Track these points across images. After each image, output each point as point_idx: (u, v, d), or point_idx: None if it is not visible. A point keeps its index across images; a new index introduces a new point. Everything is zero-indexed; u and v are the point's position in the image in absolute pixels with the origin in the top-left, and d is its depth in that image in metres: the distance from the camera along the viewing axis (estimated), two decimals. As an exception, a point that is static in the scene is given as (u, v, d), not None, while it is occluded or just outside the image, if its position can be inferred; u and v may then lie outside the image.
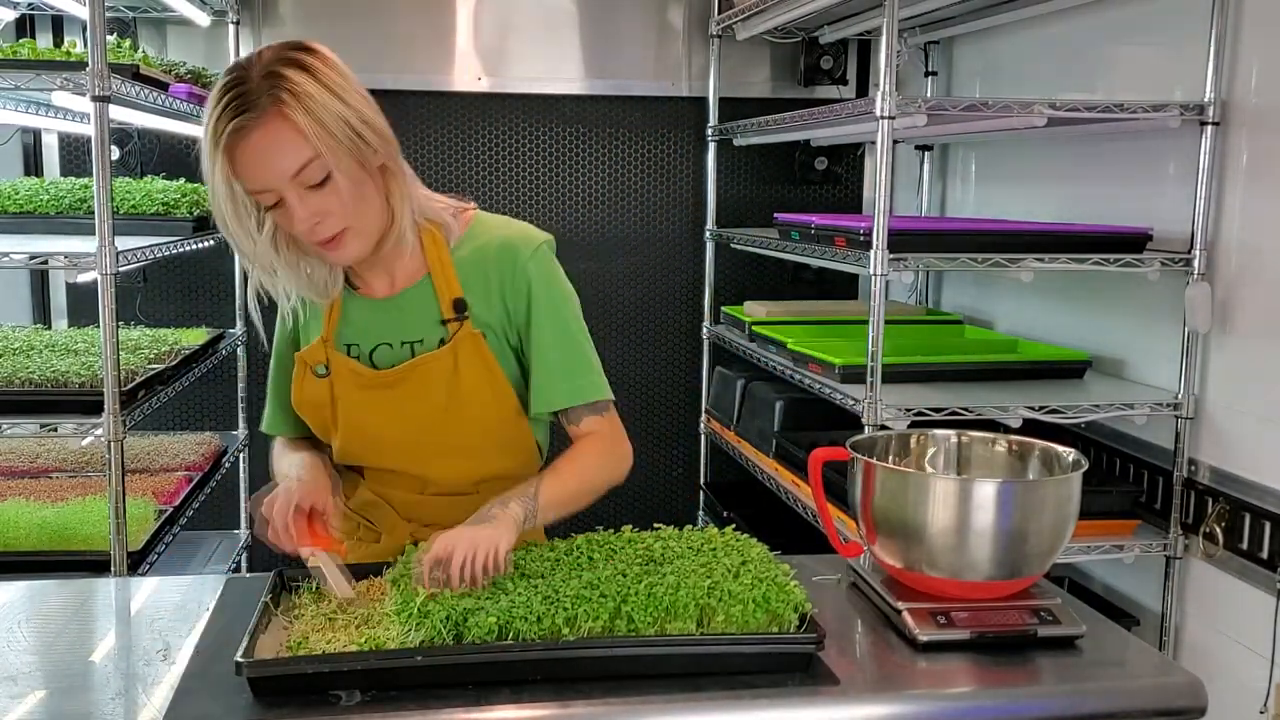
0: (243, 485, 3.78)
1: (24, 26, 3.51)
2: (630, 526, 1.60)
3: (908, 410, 2.37)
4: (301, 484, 1.57)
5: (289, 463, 1.70)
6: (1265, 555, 2.25)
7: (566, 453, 1.67)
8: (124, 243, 2.40)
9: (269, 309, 1.70)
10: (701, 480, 3.91)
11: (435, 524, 1.62)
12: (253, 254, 1.59)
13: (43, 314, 3.66)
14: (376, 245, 1.61)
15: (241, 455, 3.73)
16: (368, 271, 1.69)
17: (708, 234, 3.79)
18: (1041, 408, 2.42)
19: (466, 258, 1.69)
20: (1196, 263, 2.41)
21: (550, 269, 1.71)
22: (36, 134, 3.60)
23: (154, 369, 2.68)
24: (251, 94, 1.47)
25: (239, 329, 3.71)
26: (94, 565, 2.38)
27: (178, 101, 2.78)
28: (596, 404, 1.69)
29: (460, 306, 1.66)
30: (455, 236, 1.70)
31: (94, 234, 2.27)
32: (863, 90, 3.91)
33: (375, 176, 1.57)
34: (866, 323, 2.38)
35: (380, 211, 1.59)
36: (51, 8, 3.12)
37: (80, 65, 2.26)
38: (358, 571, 1.54)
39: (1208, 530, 2.39)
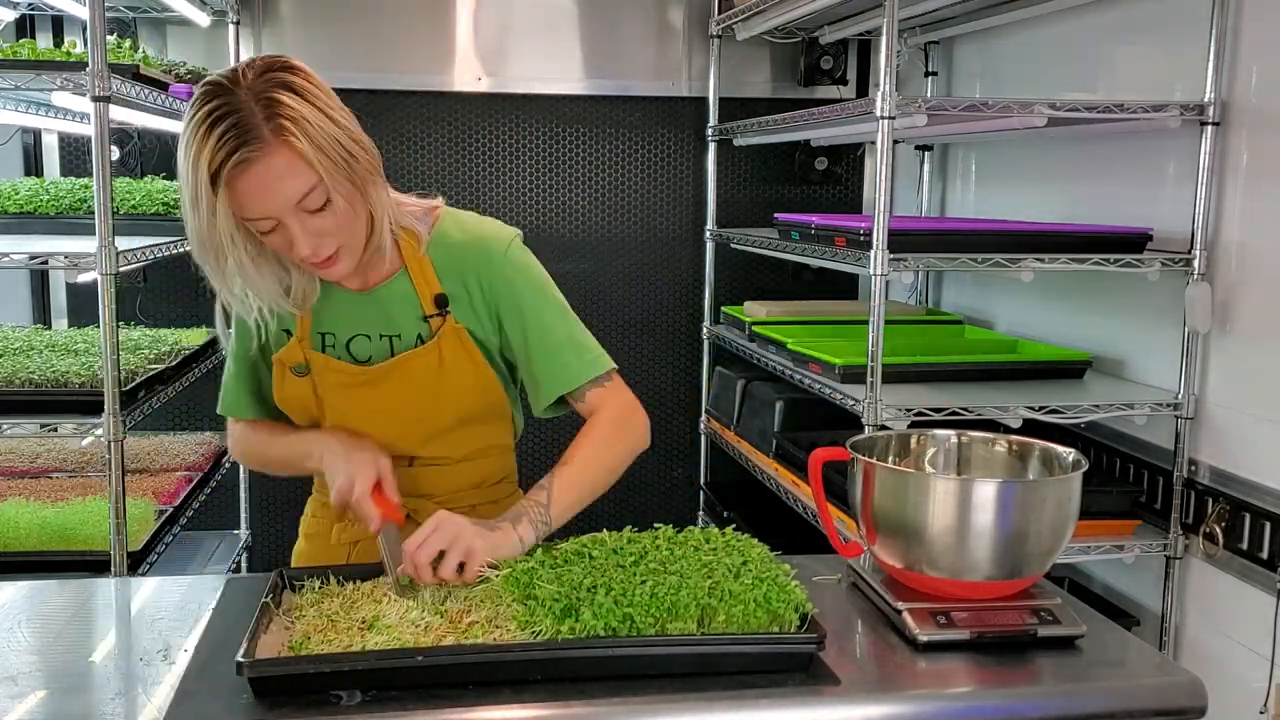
0: (243, 485, 3.78)
1: (24, 26, 3.51)
2: (631, 526, 1.60)
3: (908, 410, 2.37)
4: (363, 460, 1.60)
5: (307, 440, 1.72)
6: (1265, 555, 2.25)
7: (578, 440, 1.67)
8: (124, 243, 2.40)
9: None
10: (701, 480, 3.91)
11: (428, 495, 1.73)
12: (235, 277, 1.55)
13: (43, 314, 3.66)
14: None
15: (241, 455, 3.72)
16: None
17: (708, 234, 3.80)
18: (1041, 408, 2.42)
19: (443, 257, 1.70)
20: (1196, 263, 2.41)
21: (526, 260, 1.74)
22: (36, 134, 3.60)
23: (154, 369, 2.68)
24: (247, 122, 1.44)
25: (239, 329, 3.70)
26: (94, 565, 2.39)
27: (178, 102, 2.78)
28: (598, 378, 1.71)
29: (442, 302, 1.69)
30: (426, 238, 1.70)
31: (94, 234, 2.27)
32: (863, 90, 3.91)
33: (363, 191, 1.56)
34: (866, 323, 2.38)
35: (366, 224, 1.59)
36: (51, 8, 3.12)
37: (80, 65, 2.26)
38: (362, 572, 1.54)
39: (1208, 530, 2.39)
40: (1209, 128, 2.38)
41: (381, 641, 1.31)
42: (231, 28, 3.56)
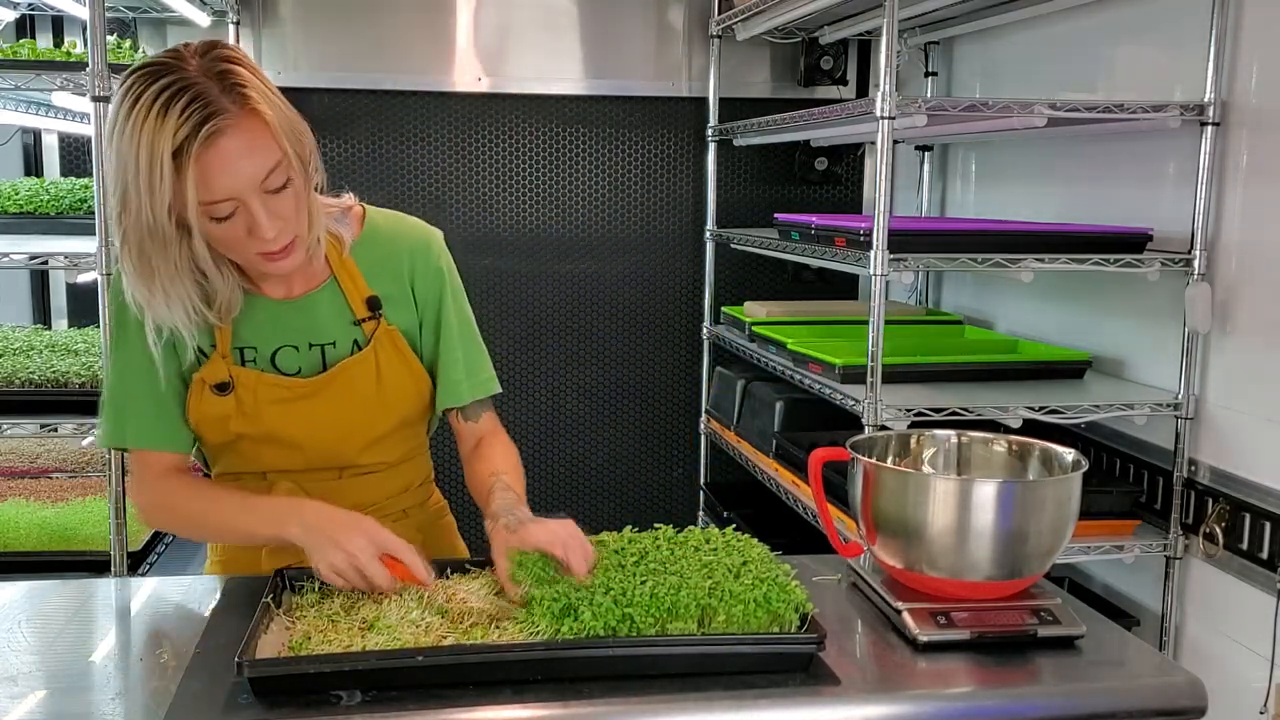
0: (243, 485, 3.78)
1: (24, 26, 3.51)
2: (631, 527, 1.60)
3: (908, 410, 2.37)
4: (362, 532, 1.45)
5: (259, 506, 1.55)
6: (1265, 555, 2.25)
7: (499, 454, 1.70)
8: (124, 243, 2.40)
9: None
10: (701, 480, 3.91)
11: (360, 505, 1.58)
12: (171, 280, 1.46)
13: (43, 314, 3.66)
14: None
15: (241, 455, 3.72)
16: (265, 278, 1.61)
17: (708, 234, 3.80)
18: (1041, 408, 2.42)
19: (373, 257, 1.66)
20: (1196, 263, 2.41)
21: (452, 263, 1.73)
22: (36, 134, 3.60)
23: (154, 369, 2.67)
24: (209, 95, 1.37)
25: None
26: (94, 565, 2.39)
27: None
28: (485, 400, 1.74)
29: (375, 305, 1.65)
30: (351, 237, 1.66)
31: (94, 234, 2.27)
32: (863, 90, 3.91)
33: (307, 179, 1.51)
34: (866, 323, 2.38)
35: (307, 217, 1.52)
36: (51, 8, 3.13)
37: (80, 65, 2.27)
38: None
39: (1208, 530, 2.39)
40: (1209, 128, 2.38)
41: (382, 641, 1.31)
42: (231, 28, 3.56)
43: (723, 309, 3.64)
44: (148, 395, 1.60)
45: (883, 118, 2.31)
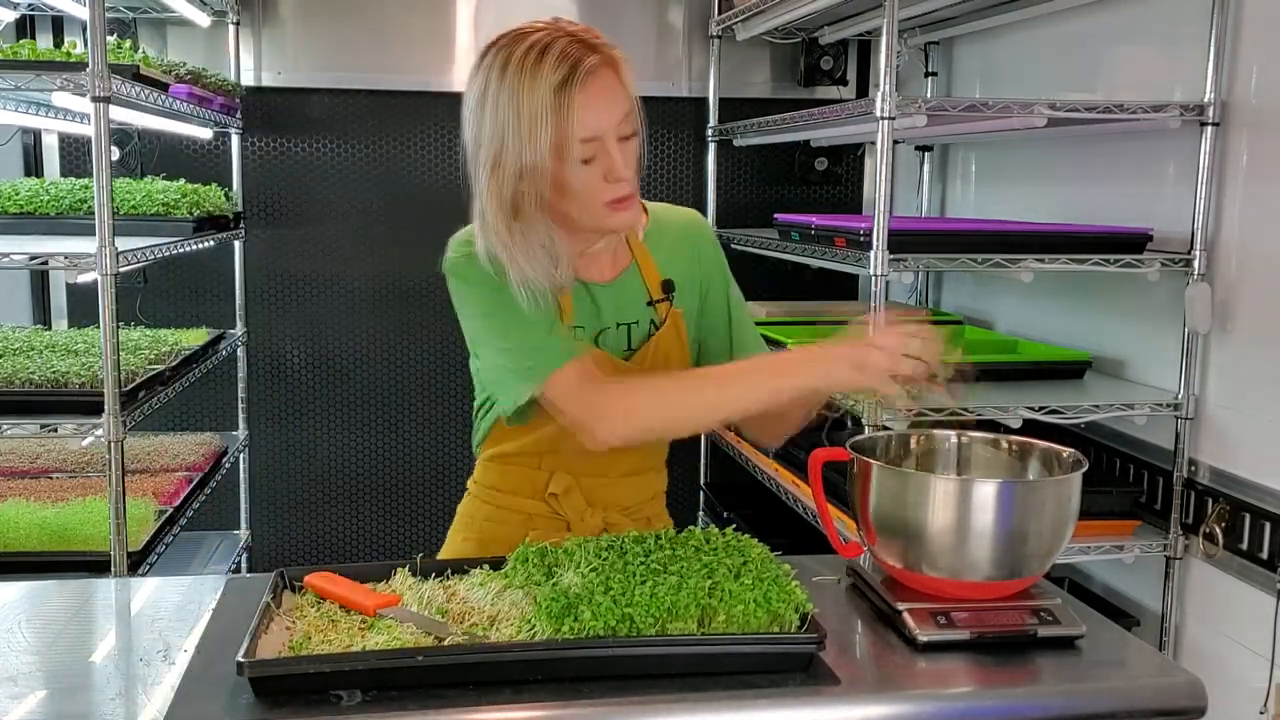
0: (243, 485, 3.78)
1: (24, 27, 3.52)
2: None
3: (908, 410, 2.36)
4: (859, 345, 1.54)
5: (742, 369, 1.66)
6: (1265, 555, 2.25)
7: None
8: (124, 243, 2.40)
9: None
10: (701, 480, 3.91)
11: (615, 506, 1.75)
12: (530, 231, 1.56)
13: (43, 314, 3.67)
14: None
15: (241, 455, 3.73)
16: (592, 258, 1.72)
17: (708, 234, 3.79)
18: (1041, 408, 2.42)
19: (665, 243, 1.77)
20: (1196, 263, 2.41)
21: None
22: (37, 134, 3.60)
23: (154, 369, 2.68)
24: (573, 45, 1.52)
25: (239, 329, 3.71)
26: (94, 565, 2.39)
27: (178, 102, 2.79)
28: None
29: (669, 287, 1.74)
30: (642, 224, 1.76)
31: (94, 234, 2.27)
32: (863, 90, 3.91)
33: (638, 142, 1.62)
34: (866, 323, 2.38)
35: None
36: (51, 8, 3.13)
37: (80, 66, 2.26)
38: (364, 573, 1.54)
39: (1208, 530, 2.39)
40: (1209, 128, 2.38)
41: (382, 641, 1.31)
42: (231, 28, 3.56)
43: (723, 309, 3.63)
44: (546, 323, 1.60)
45: (883, 118, 2.31)
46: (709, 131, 3.77)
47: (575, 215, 1.60)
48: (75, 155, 3.63)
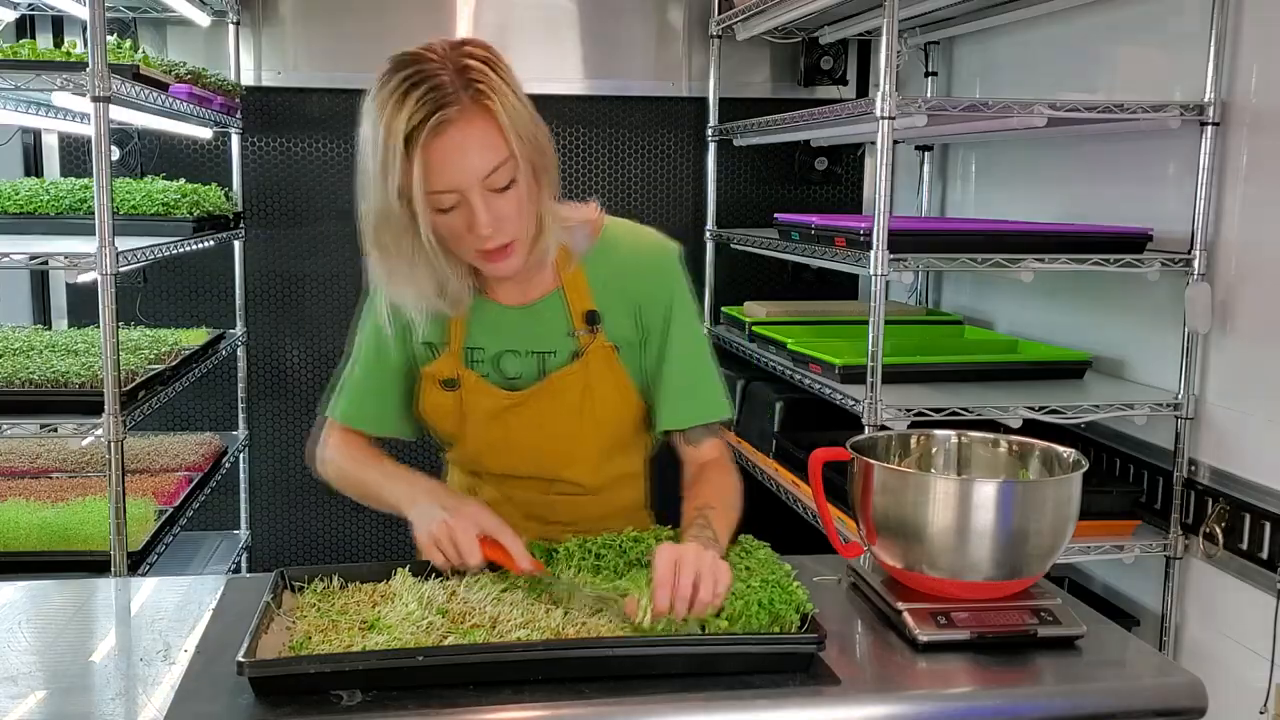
0: (243, 485, 3.78)
1: (24, 26, 3.51)
2: (631, 527, 1.60)
3: (908, 410, 2.37)
4: (467, 512, 1.50)
5: (407, 480, 1.62)
6: (1265, 555, 2.25)
7: (711, 483, 1.65)
8: (124, 243, 2.40)
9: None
10: (701, 480, 3.90)
11: (558, 522, 1.68)
12: (406, 263, 1.51)
13: (43, 314, 3.66)
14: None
15: (241, 455, 3.73)
16: (500, 282, 1.64)
17: (708, 234, 3.79)
18: (1041, 408, 2.42)
19: (604, 271, 1.65)
20: (1196, 263, 2.41)
21: (687, 282, 1.69)
22: (37, 134, 3.60)
23: (154, 369, 2.68)
24: (445, 86, 1.41)
25: (239, 329, 3.71)
26: (94, 565, 2.39)
27: (178, 102, 2.78)
28: (713, 424, 1.69)
29: (592, 319, 1.64)
30: (585, 247, 1.66)
31: (94, 234, 2.27)
32: (863, 90, 3.91)
33: (540, 184, 1.52)
34: (866, 323, 2.38)
35: (535, 223, 1.53)
36: (51, 8, 3.13)
37: (80, 65, 2.26)
38: (364, 573, 1.54)
39: (1208, 530, 2.39)
40: (1209, 128, 2.38)
41: (382, 641, 1.31)
42: (231, 28, 3.56)
43: (722, 309, 3.64)
44: (369, 377, 1.71)
45: (883, 118, 2.31)
46: (709, 131, 3.77)
47: (457, 251, 1.53)
48: (75, 155, 3.63)
